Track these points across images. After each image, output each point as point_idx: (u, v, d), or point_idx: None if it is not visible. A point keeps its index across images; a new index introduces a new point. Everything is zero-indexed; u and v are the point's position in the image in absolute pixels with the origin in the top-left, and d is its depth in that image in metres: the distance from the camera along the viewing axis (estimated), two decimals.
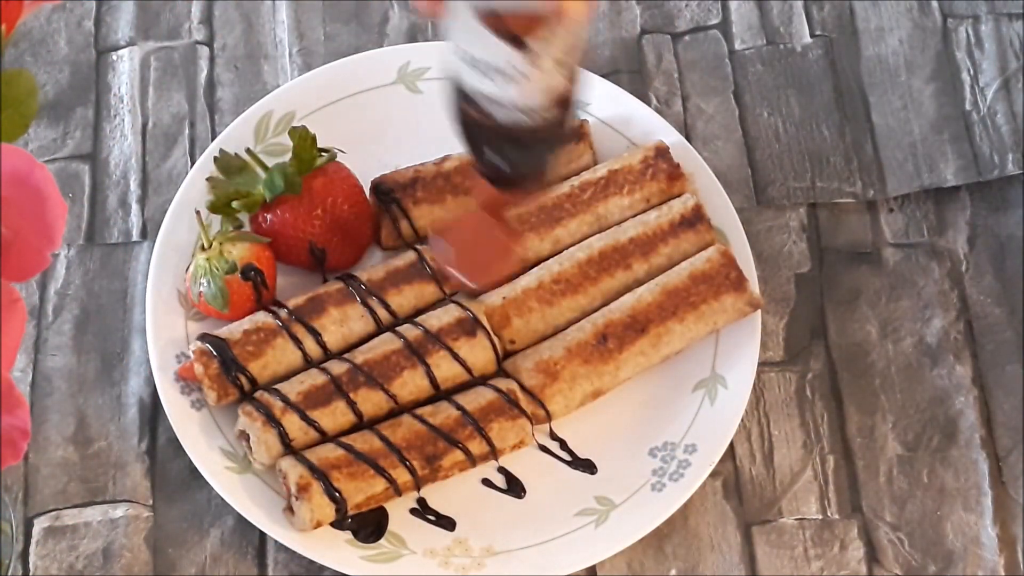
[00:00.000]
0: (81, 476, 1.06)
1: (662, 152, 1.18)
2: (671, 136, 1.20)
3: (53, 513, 1.05)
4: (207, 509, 1.06)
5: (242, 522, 1.05)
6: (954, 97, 1.26)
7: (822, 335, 1.17)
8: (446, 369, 1.09)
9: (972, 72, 1.27)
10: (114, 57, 1.25)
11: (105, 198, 1.19)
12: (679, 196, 1.17)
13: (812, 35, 1.30)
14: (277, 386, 1.08)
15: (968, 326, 1.17)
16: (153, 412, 1.10)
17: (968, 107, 1.26)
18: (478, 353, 1.10)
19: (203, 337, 1.09)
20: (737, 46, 1.29)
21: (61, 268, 1.14)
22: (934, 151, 1.24)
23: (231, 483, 1.06)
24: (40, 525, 1.05)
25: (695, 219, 1.15)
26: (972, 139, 1.24)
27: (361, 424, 1.08)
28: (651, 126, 1.22)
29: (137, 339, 1.13)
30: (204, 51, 1.26)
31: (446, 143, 1.19)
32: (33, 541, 1.04)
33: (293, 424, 1.06)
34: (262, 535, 1.06)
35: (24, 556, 1.03)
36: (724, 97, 1.27)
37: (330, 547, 1.05)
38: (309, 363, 1.10)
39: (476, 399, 1.09)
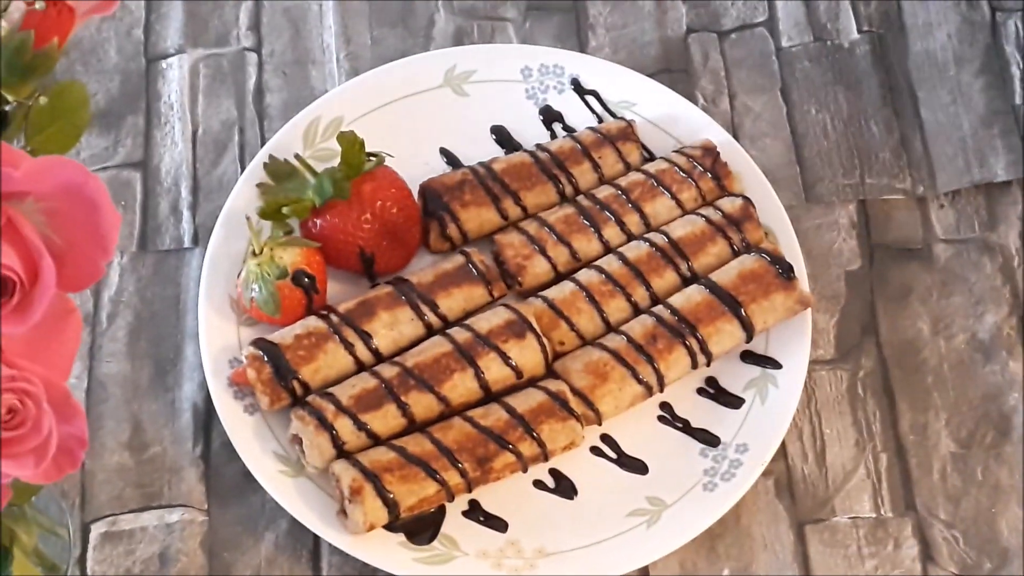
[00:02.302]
0: (136, 481, 1.07)
1: (710, 151, 1.18)
2: (719, 135, 1.20)
3: (110, 518, 1.06)
4: (261, 513, 1.07)
5: (296, 525, 1.06)
6: (1003, 91, 1.26)
7: (873, 332, 1.17)
8: (496, 371, 1.10)
9: (1022, 66, 1.27)
10: (164, 65, 1.26)
11: (157, 205, 1.20)
12: (727, 195, 1.17)
13: (859, 31, 1.29)
14: (329, 390, 1.08)
15: (1021, 322, 1.17)
16: (207, 417, 1.10)
17: (1018, 101, 1.25)
18: (528, 355, 1.10)
19: (256, 342, 1.09)
20: (784, 43, 1.29)
21: (114, 275, 1.15)
22: (984, 146, 1.23)
23: (284, 487, 1.06)
24: (97, 530, 1.06)
25: (743, 218, 1.15)
26: (1022, 133, 1.24)
27: (412, 427, 1.08)
28: (698, 125, 1.22)
29: (190, 345, 1.14)
30: (252, 57, 1.28)
31: (493, 145, 1.21)
32: (90, 546, 1.05)
33: (345, 428, 1.07)
34: (316, 538, 1.07)
35: (82, 561, 1.04)
36: (771, 95, 1.28)
37: (383, 549, 1.05)
38: (360, 367, 1.11)
39: (526, 401, 1.09)
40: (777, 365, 1.13)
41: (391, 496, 1.04)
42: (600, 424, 1.11)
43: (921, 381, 1.15)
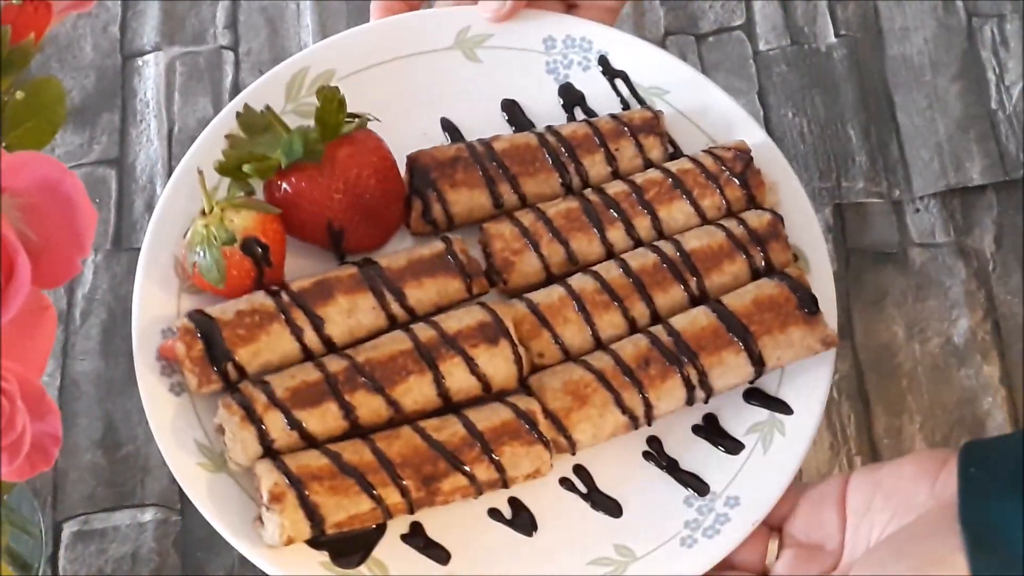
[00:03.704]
0: (109, 480, 1.06)
1: (743, 155, 1.02)
2: (757, 135, 1.05)
3: (82, 517, 1.05)
4: None
5: None
6: (980, 96, 1.25)
7: (848, 336, 1.15)
8: (459, 379, 0.95)
9: (997, 71, 1.26)
10: (140, 62, 1.25)
11: (132, 203, 1.19)
12: (755, 207, 1.01)
13: (837, 35, 1.29)
14: (266, 378, 0.95)
15: (995, 326, 1.15)
16: None
17: (994, 106, 1.25)
18: (498, 364, 0.96)
19: (191, 314, 0.96)
20: (761, 47, 1.28)
21: (88, 273, 1.14)
22: (959, 150, 1.23)
23: (198, 481, 0.93)
24: (69, 529, 1.05)
25: (770, 236, 0.99)
26: (998, 138, 1.23)
27: (354, 431, 0.95)
28: (736, 124, 1.06)
29: None
30: (229, 56, 1.27)
31: (502, 122, 1.07)
32: (62, 545, 1.04)
33: (276, 423, 0.93)
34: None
35: (53, 560, 1.03)
36: (749, 98, 1.26)
37: (300, 568, 0.92)
38: (307, 356, 0.97)
39: (490, 417, 0.95)
40: (788, 410, 0.98)
41: (316, 509, 0.91)
42: (573, 454, 0.97)
43: (896, 385, 1.13)
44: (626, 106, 1.08)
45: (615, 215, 1.01)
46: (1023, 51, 1.25)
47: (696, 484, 0.97)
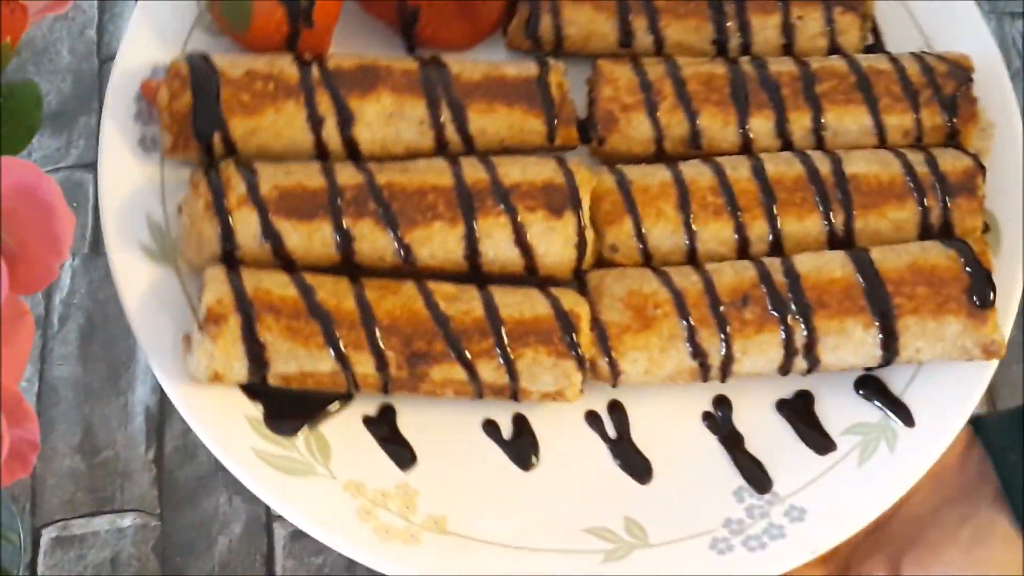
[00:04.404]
0: (88, 486, 1.02)
1: (962, 72, 0.77)
2: (987, 54, 0.80)
3: (61, 523, 1.01)
4: (215, 517, 1.00)
5: (250, 529, 0.97)
6: None
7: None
8: (499, 244, 0.73)
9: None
10: None
11: None
12: (955, 146, 0.76)
13: None
14: (256, 164, 0.73)
15: None
16: (160, 420, 1.02)
17: None
18: (554, 241, 0.73)
19: (191, 57, 0.75)
20: None
21: (66, 277, 1.09)
22: None
23: (136, 267, 0.75)
24: (48, 535, 1.01)
25: (962, 188, 0.75)
26: None
27: (344, 268, 0.73)
28: (965, 31, 0.81)
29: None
30: None
31: None
32: (41, 551, 1.01)
33: (247, 226, 0.72)
34: (270, 542, 0.96)
35: (32, 566, 1.01)
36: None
37: (219, 417, 0.71)
38: (320, 154, 0.75)
39: (520, 305, 0.72)
40: (909, 419, 0.74)
41: (262, 349, 0.69)
42: (614, 386, 0.73)
43: None
44: None
45: (768, 99, 0.77)
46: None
47: (757, 476, 0.74)
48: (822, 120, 0.77)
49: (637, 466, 0.74)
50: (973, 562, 0.76)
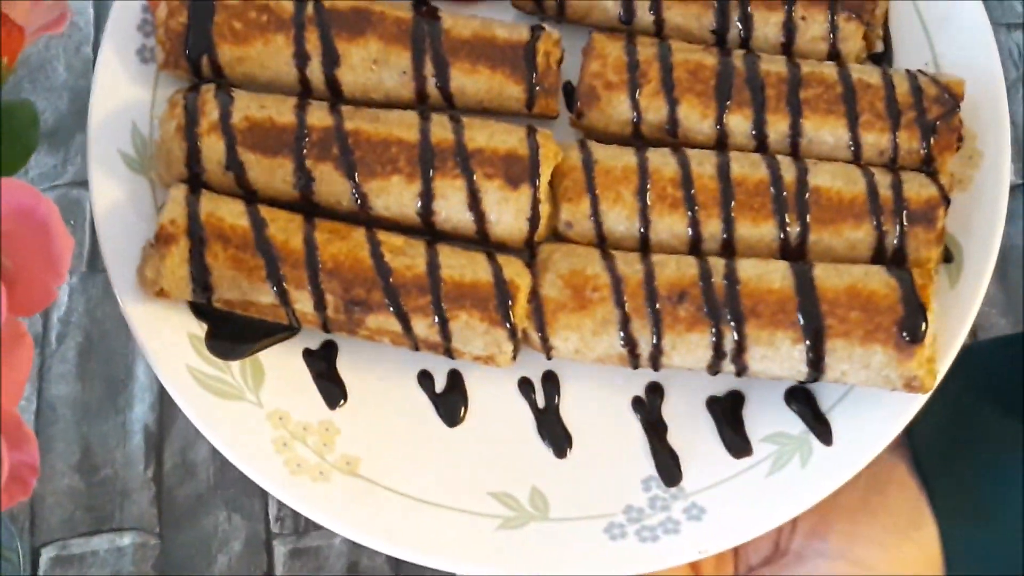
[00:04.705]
0: (87, 504, 1.05)
1: (950, 99, 0.75)
2: (989, 77, 0.77)
3: (60, 542, 1.04)
4: (214, 535, 1.03)
5: (250, 546, 1.01)
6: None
7: None
8: (453, 206, 0.74)
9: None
10: None
11: None
12: (926, 172, 0.74)
13: None
14: (233, 91, 0.75)
15: (972, 335, 0.95)
16: (159, 438, 1.05)
17: None
18: (506, 212, 0.74)
19: None
20: None
21: (64, 296, 1.11)
22: None
23: (112, 168, 0.77)
24: (47, 555, 1.03)
25: (921, 216, 0.73)
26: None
27: (300, 206, 0.75)
28: (974, 48, 0.79)
29: (141, 365, 1.06)
30: None
31: None
32: (40, 571, 1.03)
33: (214, 152, 0.74)
34: (270, 560, 1.00)
35: None
36: None
37: (160, 330, 0.74)
38: (303, 91, 0.76)
39: (462, 268, 0.73)
40: (828, 437, 0.73)
41: (206, 273, 0.72)
42: (549, 358, 0.74)
43: None
44: None
45: (751, 98, 0.76)
46: None
47: (670, 468, 0.74)
48: (800, 126, 0.74)
49: (557, 438, 0.75)
50: (869, 509, 0.76)
